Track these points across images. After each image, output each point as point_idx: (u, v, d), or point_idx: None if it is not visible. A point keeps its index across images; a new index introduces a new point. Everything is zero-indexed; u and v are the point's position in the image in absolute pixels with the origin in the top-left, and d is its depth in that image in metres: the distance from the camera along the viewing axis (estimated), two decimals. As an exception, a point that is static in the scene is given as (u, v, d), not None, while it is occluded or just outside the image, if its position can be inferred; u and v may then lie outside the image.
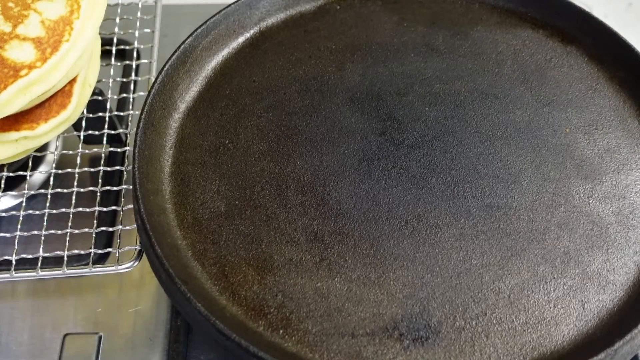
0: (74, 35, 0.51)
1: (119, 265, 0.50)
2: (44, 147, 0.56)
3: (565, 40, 0.60)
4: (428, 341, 0.43)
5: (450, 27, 0.60)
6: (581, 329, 0.44)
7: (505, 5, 0.62)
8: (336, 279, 0.45)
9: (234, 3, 0.58)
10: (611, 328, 0.44)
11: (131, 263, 0.50)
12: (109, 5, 0.63)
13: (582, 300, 0.45)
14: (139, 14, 0.64)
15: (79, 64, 0.52)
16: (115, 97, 0.60)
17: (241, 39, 0.59)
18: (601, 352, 0.41)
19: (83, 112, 0.57)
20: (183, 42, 0.55)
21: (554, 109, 0.55)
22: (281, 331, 0.43)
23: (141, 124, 0.50)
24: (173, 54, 0.54)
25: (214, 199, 0.49)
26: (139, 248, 0.51)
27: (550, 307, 0.45)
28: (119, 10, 0.64)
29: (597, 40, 0.58)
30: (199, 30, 0.56)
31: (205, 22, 0.57)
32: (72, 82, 0.54)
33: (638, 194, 0.50)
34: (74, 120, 0.55)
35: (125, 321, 0.53)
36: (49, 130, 0.52)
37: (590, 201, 0.50)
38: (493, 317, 0.44)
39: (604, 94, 0.56)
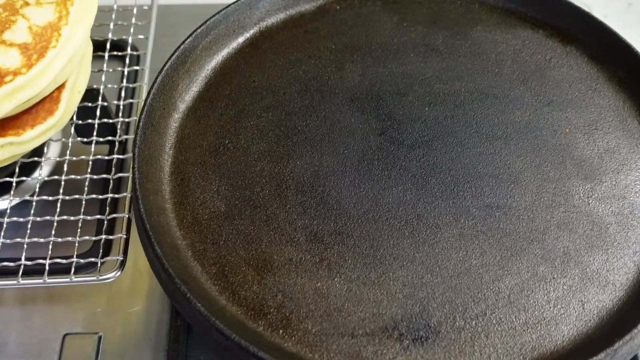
0: (62, 41, 0.50)
1: (100, 275, 0.50)
2: (31, 154, 0.55)
3: (565, 40, 0.60)
4: (428, 341, 0.43)
5: (450, 27, 0.60)
6: (581, 329, 0.44)
7: (505, 5, 0.62)
8: (336, 279, 0.45)
9: (233, 3, 0.58)
10: (611, 328, 0.44)
11: (113, 273, 0.50)
12: (104, 10, 0.62)
13: (581, 300, 0.45)
14: (133, 20, 0.63)
15: (68, 70, 0.52)
16: (105, 104, 0.59)
17: (241, 39, 0.59)
18: (601, 352, 0.41)
19: (72, 118, 0.57)
20: (182, 43, 0.55)
21: (554, 109, 0.55)
22: (281, 331, 0.43)
23: (141, 124, 0.50)
24: (173, 54, 0.54)
25: (213, 199, 0.49)
26: (122, 258, 0.50)
27: (550, 307, 0.45)
28: (113, 16, 0.63)
29: (597, 40, 0.58)
30: (198, 31, 0.56)
31: (205, 22, 0.57)
32: (60, 88, 0.53)
33: (638, 194, 0.50)
34: (61, 126, 0.54)
35: (125, 321, 0.53)
36: (35, 137, 0.51)
37: (590, 201, 0.50)
38: (493, 317, 0.44)
39: (603, 94, 0.56)
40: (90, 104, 0.58)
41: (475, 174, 0.51)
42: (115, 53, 0.62)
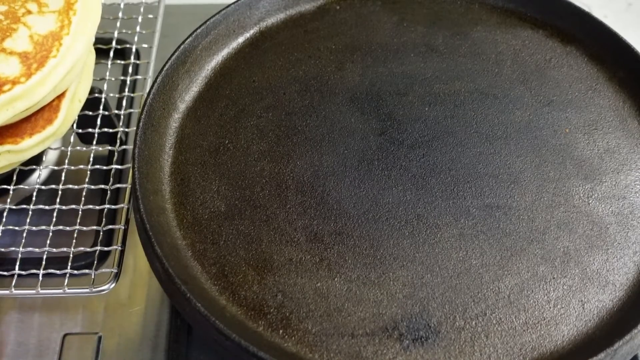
0: (63, 51, 0.50)
1: (94, 287, 0.49)
2: (29, 161, 0.54)
3: (565, 40, 0.60)
4: (428, 341, 0.43)
5: (450, 27, 0.60)
6: (581, 329, 0.44)
7: (505, 5, 0.62)
8: (336, 279, 0.45)
9: (233, 3, 0.58)
10: (611, 328, 0.44)
11: (107, 286, 0.50)
12: (109, 18, 0.62)
13: (582, 300, 0.45)
14: (138, 28, 0.63)
15: (68, 79, 0.51)
16: (106, 112, 0.58)
17: (241, 39, 0.59)
18: (601, 352, 0.41)
19: (72, 127, 0.56)
20: (182, 43, 0.55)
21: (554, 109, 0.55)
22: (281, 331, 0.43)
23: (141, 124, 0.50)
24: (173, 54, 0.54)
25: (214, 199, 0.49)
26: (116, 271, 0.50)
27: (550, 307, 0.45)
28: (118, 24, 0.63)
29: (597, 40, 0.58)
30: (198, 30, 0.56)
31: (205, 22, 0.57)
32: (60, 96, 0.52)
33: (638, 194, 0.50)
34: (60, 135, 0.54)
35: (125, 321, 0.53)
36: (33, 145, 0.51)
37: (590, 201, 0.50)
38: (493, 317, 0.44)
39: (603, 94, 0.56)
40: (91, 113, 0.57)
41: (475, 174, 0.51)
42: (118, 61, 0.62)
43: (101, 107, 0.58)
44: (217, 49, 0.58)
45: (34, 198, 0.53)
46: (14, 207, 0.53)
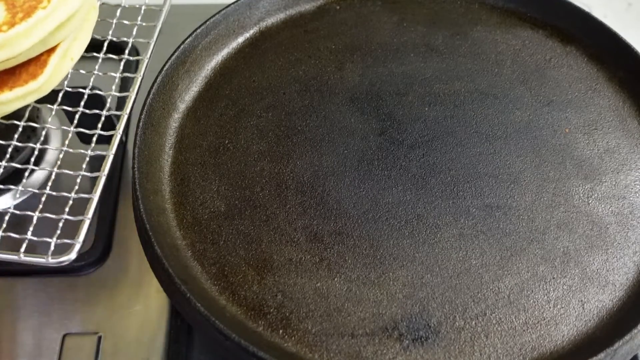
0: (54, 3, 0.45)
1: (50, 258, 0.44)
2: (10, 116, 0.49)
3: (565, 40, 0.60)
4: (428, 341, 0.43)
5: (450, 27, 0.60)
6: (581, 329, 0.44)
7: (505, 5, 0.62)
8: (336, 279, 0.45)
9: (233, 3, 0.58)
10: (611, 328, 0.44)
11: (66, 257, 0.44)
12: (107, 20, 0.61)
13: (581, 300, 0.45)
14: (134, 31, 0.62)
15: (61, 34, 0.47)
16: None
17: (241, 39, 0.59)
18: (601, 352, 0.41)
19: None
20: (182, 42, 0.55)
21: (554, 109, 0.55)
22: (281, 331, 0.43)
23: (141, 124, 0.50)
24: (173, 54, 0.54)
25: (213, 199, 0.49)
26: (77, 242, 0.44)
27: (550, 307, 0.45)
28: (114, 22, 0.62)
29: (596, 40, 0.58)
30: (198, 30, 0.56)
31: (205, 22, 0.57)
32: (50, 51, 0.48)
33: (637, 194, 0.50)
34: (45, 92, 0.49)
35: (125, 321, 0.53)
36: (13, 99, 0.46)
37: (590, 201, 0.50)
38: (493, 317, 0.44)
39: (603, 94, 0.56)
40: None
41: (475, 174, 0.51)
42: (113, 54, 0.60)
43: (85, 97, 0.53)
44: (217, 49, 0.58)
45: (7, 155, 0.49)
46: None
